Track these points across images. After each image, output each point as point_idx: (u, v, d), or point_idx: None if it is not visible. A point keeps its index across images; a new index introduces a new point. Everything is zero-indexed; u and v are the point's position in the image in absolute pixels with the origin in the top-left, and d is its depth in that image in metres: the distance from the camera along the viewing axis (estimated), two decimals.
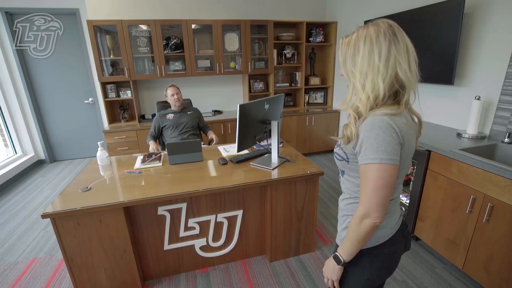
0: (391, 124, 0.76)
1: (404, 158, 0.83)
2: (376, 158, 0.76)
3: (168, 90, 2.80)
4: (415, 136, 0.87)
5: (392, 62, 0.77)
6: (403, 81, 0.79)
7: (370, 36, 0.78)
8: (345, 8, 3.87)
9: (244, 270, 2.04)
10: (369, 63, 0.78)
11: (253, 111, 1.82)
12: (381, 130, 0.76)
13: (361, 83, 0.81)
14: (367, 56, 0.78)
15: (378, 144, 0.76)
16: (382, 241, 0.90)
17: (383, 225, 0.89)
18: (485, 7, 2.08)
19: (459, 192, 1.81)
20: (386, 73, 0.78)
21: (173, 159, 2.10)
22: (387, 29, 0.78)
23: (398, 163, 0.78)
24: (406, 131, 0.80)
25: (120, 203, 1.57)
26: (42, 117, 4.21)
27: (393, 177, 0.78)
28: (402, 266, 2.03)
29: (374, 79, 0.78)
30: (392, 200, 0.89)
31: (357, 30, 0.82)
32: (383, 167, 0.76)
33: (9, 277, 2.03)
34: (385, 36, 0.77)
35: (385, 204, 0.80)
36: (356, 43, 0.80)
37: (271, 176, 1.85)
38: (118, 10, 3.57)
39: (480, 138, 2.09)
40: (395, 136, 0.77)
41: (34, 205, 3.05)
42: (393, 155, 0.76)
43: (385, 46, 0.77)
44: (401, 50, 0.78)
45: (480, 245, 1.71)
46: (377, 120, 0.77)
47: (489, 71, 2.11)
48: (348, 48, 0.83)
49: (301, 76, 4.21)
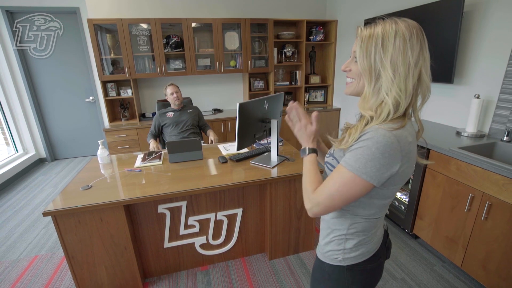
0: (395, 147, 0.69)
1: (403, 177, 0.76)
2: (353, 167, 0.71)
3: (168, 89, 2.81)
4: (415, 150, 0.77)
5: (420, 66, 0.71)
6: (425, 85, 0.73)
7: (403, 32, 0.69)
8: (345, 7, 3.86)
9: (244, 268, 2.05)
10: (404, 59, 0.69)
11: (252, 109, 1.82)
12: (378, 145, 0.69)
13: (391, 77, 0.71)
14: (401, 52, 0.69)
15: (363, 156, 0.70)
16: (367, 257, 0.86)
17: (368, 241, 0.85)
18: (485, 5, 2.08)
19: (458, 190, 1.82)
20: (414, 75, 0.71)
21: (173, 157, 2.11)
22: (419, 30, 0.71)
23: (374, 185, 0.72)
24: (409, 150, 0.72)
25: (120, 201, 1.58)
26: (43, 116, 4.23)
27: (358, 192, 0.73)
28: (401, 264, 2.05)
29: (406, 76, 0.70)
30: (377, 218, 0.84)
31: (383, 23, 0.72)
32: (355, 179, 0.72)
33: (11, 274, 2.05)
34: (417, 39, 0.70)
35: (331, 210, 0.77)
36: (387, 37, 0.70)
37: (270, 175, 1.86)
38: (118, 8, 3.57)
39: (479, 137, 2.09)
40: (390, 160, 0.70)
41: (35, 203, 3.07)
42: (370, 173, 0.70)
43: (417, 49, 0.70)
44: (427, 57, 0.73)
45: (478, 243, 1.72)
46: (380, 134, 0.69)
47: (489, 69, 2.12)
48: (372, 41, 0.71)
49: (301, 74, 4.21)
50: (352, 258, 0.85)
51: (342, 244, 0.86)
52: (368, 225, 0.83)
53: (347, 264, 0.85)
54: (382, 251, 0.90)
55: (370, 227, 0.84)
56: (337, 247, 0.87)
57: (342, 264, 0.86)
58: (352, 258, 0.85)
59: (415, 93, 0.74)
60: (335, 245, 0.87)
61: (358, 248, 0.84)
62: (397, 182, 0.75)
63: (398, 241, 2.30)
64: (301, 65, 4.18)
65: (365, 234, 0.84)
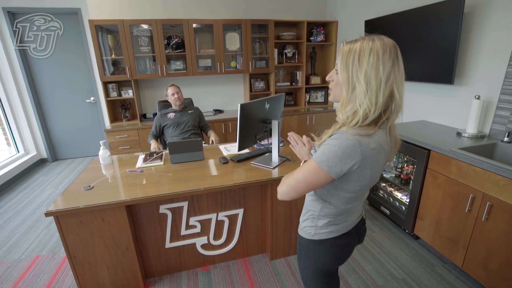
0: (354, 149, 0.81)
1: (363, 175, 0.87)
2: (318, 159, 0.84)
3: (169, 90, 2.81)
4: (384, 160, 0.90)
5: (391, 82, 0.80)
6: (396, 100, 0.82)
7: (377, 50, 0.79)
8: (346, 8, 3.87)
9: (245, 268, 2.06)
10: (376, 74, 0.79)
11: (253, 110, 1.83)
12: (340, 145, 0.81)
13: (364, 91, 0.80)
14: (374, 68, 0.79)
15: (328, 152, 0.83)
16: (336, 235, 1.02)
17: (339, 222, 1.01)
18: (485, 6, 2.08)
19: (458, 191, 1.82)
20: (385, 89, 0.80)
21: (175, 158, 2.12)
22: (393, 49, 0.80)
23: (333, 177, 0.85)
24: (370, 155, 0.83)
25: (122, 201, 1.58)
26: (44, 116, 4.24)
27: (319, 181, 0.87)
28: (401, 264, 2.05)
29: (377, 90, 0.80)
30: (345, 208, 0.98)
31: (361, 40, 0.82)
32: (317, 169, 0.85)
33: (13, 274, 2.05)
34: (389, 56, 0.79)
35: (294, 195, 0.92)
36: (363, 53, 0.80)
37: (271, 175, 1.86)
38: (119, 9, 3.59)
39: (480, 137, 2.10)
40: (347, 160, 0.81)
41: (37, 204, 3.08)
42: (332, 166, 0.83)
43: (389, 65, 0.79)
44: (400, 73, 0.81)
45: (479, 244, 1.72)
46: (344, 136, 0.82)
47: (489, 70, 2.12)
48: (350, 56, 0.82)
49: (301, 75, 4.22)
50: (322, 234, 1.03)
51: (315, 221, 1.04)
52: (337, 211, 0.99)
53: (318, 239, 1.03)
54: (353, 234, 1.06)
55: (339, 213, 0.99)
56: (310, 224, 1.06)
57: (315, 238, 1.04)
58: (322, 233, 1.03)
59: (388, 107, 0.84)
60: (309, 222, 1.06)
61: (328, 227, 1.02)
62: (356, 180, 0.88)
63: (398, 242, 2.30)
64: (301, 66, 4.19)
65: (334, 217, 1.00)
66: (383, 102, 0.81)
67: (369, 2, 3.36)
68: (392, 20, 2.84)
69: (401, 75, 0.82)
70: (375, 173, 0.90)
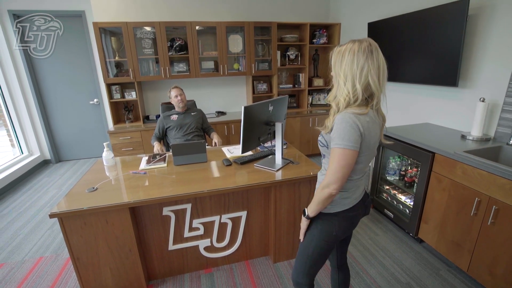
0: (355, 121, 1.01)
1: (367, 146, 1.07)
2: (341, 144, 1.01)
3: (172, 92, 2.82)
4: (378, 130, 1.12)
5: (365, 72, 1.01)
6: (372, 88, 1.03)
7: (354, 49, 1.02)
8: (349, 10, 3.88)
9: (248, 271, 2.05)
10: (350, 68, 1.02)
11: (257, 112, 1.83)
12: (347, 123, 1.01)
13: (343, 82, 1.05)
14: (349, 63, 1.02)
15: (344, 134, 1.01)
16: (347, 207, 1.18)
17: (349, 196, 1.17)
18: (490, 8, 2.08)
19: (463, 194, 1.81)
20: (360, 78, 1.02)
21: (178, 160, 2.12)
22: (367, 46, 1.01)
23: (358, 149, 1.03)
24: (367, 127, 1.04)
25: (126, 203, 1.58)
26: (48, 118, 4.27)
27: (353, 159, 1.03)
28: (406, 268, 2.03)
29: (353, 80, 1.03)
30: (357, 179, 1.16)
31: (347, 44, 1.05)
32: (345, 151, 1.01)
33: (16, 275, 2.06)
34: (363, 52, 1.00)
35: (343, 179, 1.05)
36: (344, 53, 1.04)
37: (275, 178, 1.86)
38: (123, 12, 3.61)
39: (485, 140, 2.08)
40: (356, 129, 1.01)
41: (40, 205, 3.09)
42: (354, 142, 1.01)
43: (362, 59, 1.01)
44: (374, 65, 1.01)
45: (485, 248, 1.70)
46: (346, 116, 1.02)
47: (494, 72, 2.11)
48: (337, 56, 1.07)
49: (304, 77, 4.22)
50: (336, 207, 1.17)
51: None
52: (350, 184, 1.16)
53: (334, 211, 1.18)
54: (361, 206, 1.23)
55: (351, 186, 1.16)
56: None
57: (331, 212, 1.18)
58: (336, 207, 1.17)
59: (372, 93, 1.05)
60: None
61: (341, 201, 1.17)
62: (363, 149, 1.06)
63: (402, 245, 2.29)
64: (304, 68, 4.19)
65: (347, 190, 1.16)
66: (361, 88, 1.02)
67: (373, 4, 3.35)
68: (396, 23, 2.84)
69: (375, 66, 1.01)
70: (373, 142, 1.09)
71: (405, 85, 2.94)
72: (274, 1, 4.07)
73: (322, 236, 1.20)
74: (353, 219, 1.23)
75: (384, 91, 1.07)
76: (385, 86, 1.06)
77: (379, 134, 1.14)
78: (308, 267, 1.27)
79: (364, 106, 1.05)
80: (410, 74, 2.76)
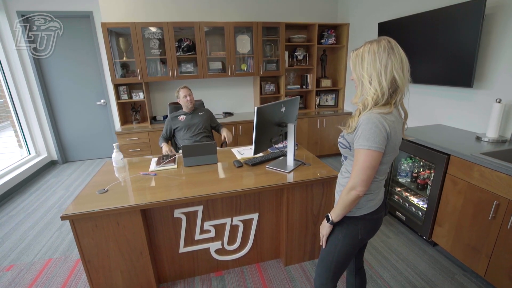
0: (381, 122, 0.99)
1: (392, 146, 1.06)
2: (366, 145, 1.00)
3: (181, 92, 2.80)
4: (401, 129, 1.11)
5: (390, 68, 1.01)
6: (398, 82, 1.02)
7: (373, 49, 1.02)
8: (358, 10, 3.84)
9: (259, 274, 2.02)
10: (374, 67, 1.02)
11: (270, 113, 1.80)
12: (374, 124, 0.99)
13: (369, 81, 1.04)
14: (371, 63, 1.02)
15: (369, 135, 0.99)
16: (373, 210, 1.16)
17: (374, 198, 1.15)
18: (508, 8, 2.03)
19: (481, 197, 1.76)
20: (386, 75, 1.01)
21: (188, 161, 2.10)
22: (386, 44, 1.02)
23: (383, 151, 1.02)
24: (393, 126, 1.03)
25: (137, 205, 1.56)
26: (55, 119, 4.27)
27: (377, 161, 1.02)
28: (420, 272, 1.99)
29: (378, 78, 1.02)
30: (381, 179, 1.15)
31: (364, 45, 1.06)
32: (370, 152, 1.00)
33: (26, 277, 2.05)
34: (384, 50, 1.01)
35: (369, 181, 1.04)
36: (363, 54, 1.05)
37: (287, 179, 1.83)
38: (131, 12, 3.60)
39: (501, 142, 2.04)
40: (383, 130, 0.99)
41: (48, 206, 3.08)
42: (379, 144, 1.00)
43: (384, 56, 1.01)
44: (397, 60, 1.01)
45: (504, 253, 1.66)
46: (372, 117, 1.00)
47: (511, 73, 2.06)
48: (356, 58, 1.07)
49: (312, 78, 4.18)
50: (362, 210, 1.15)
51: None
52: (375, 186, 1.13)
53: (360, 215, 1.16)
54: (383, 207, 1.22)
55: (375, 188, 1.14)
56: None
57: (356, 215, 1.16)
58: (362, 210, 1.15)
59: (396, 89, 1.03)
60: None
61: (366, 204, 1.14)
62: (389, 150, 1.05)
63: (415, 248, 2.24)
64: (312, 69, 4.16)
65: (371, 192, 1.14)
66: (387, 85, 1.01)
67: (383, 4, 3.31)
68: (408, 22, 2.80)
69: (399, 60, 1.01)
70: (397, 142, 1.08)
71: (417, 86, 2.90)
72: (282, 1, 4.05)
73: (347, 241, 1.18)
74: (377, 221, 1.21)
75: (408, 85, 1.06)
76: (408, 79, 1.06)
77: (402, 132, 1.13)
78: (333, 272, 1.25)
79: (388, 105, 1.05)
80: (422, 75, 2.72)
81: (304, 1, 4.13)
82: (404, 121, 1.15)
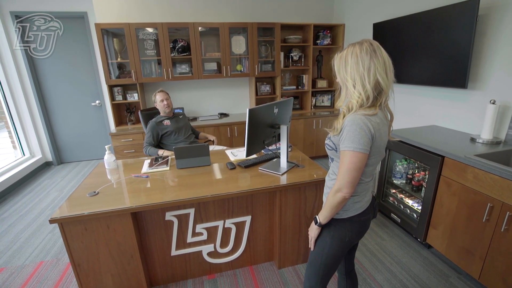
0: (366, 123, 1.00)
1: (377, 148, 1.06)
2: (351, 147, 1.00)
3: (157, 96, 2.69)
4: (387, 131, 1.12)
5: (373, 71, 1.00)
6: (382, 85, 1.01)
7: (356, 52, 1.02)
8: (353, 10, 3.83)
9: (252, 276, 2.00)
10: (357, 71, 1.02)
11: (262, 115, 1.79)
12: (358, 126, 0.99)
13: (352, 85, 1.04)
14: (354, 66, 1.02)
15: (354, 136, 0.99)
16: (360, 211, 1.16)
17: (360, 200, 1.15)
18: (501, 8, 2.02)
19: (475, 199, 1.75)
20: (369, 78, 1.01)
21: (181, 163, 2.08)
22: (368, 46, 1.01)
23: (368, 152, 1.02)
24: (378, 128, 1.03)
25: (127, 208, 1.54)
26: (50, 119, 4.24)
27: (363, 162, 1.02)
28: (414, 275, 1.98)
29: (362, 81, 1.02)
30: (367, 181, 1.15)
31: (347, 48, 1.05)
32: (355, 154, 1.00)
33: (17, 280, 2.02)
34: (366, 52, 1.00)
35: (354, 182, 1.04)
36: (346, 58, 1.04)
37: (280, 182, 1.81)
38: (125, 13, 3.58)
39: (496, 143, 2.03)
40: (367, 132, 0.99)
41: (41, 208, 3.06)
42: (364, 145, 1.00)
43: (367, 59, 1.00)
44: (380, 62, 1.00)
45: (498, 255, 1.65)
46: (356, 118, 1.00)
47: (505, 74, 2.06)
48: (340, 61, 1.07)
49: (308, 78, 4.17)
50: (349, 212, 1.15)
51: None
52: (361, 188, 1.14)
53: (347, 217, 1.16)
54: (370, 209, 1.22)
55: (362, 190, 1.14)
56: None
57: (343, 217, 1.16)
58: (349, 212, 1.15)
59: (381, 91, 1.03)
60: None
61: (353, 206, 1.15)
62: (373, 152, 1.05)
63: (410, 251, 2.23)
64: (308, 69, 4.15)
65: (358, 194, 1.14)
66: (371, 88, 1.01)
67: (378, 4, 3.31)
68: (402, 23, 2.79)
69: (381, 63, 1.00)
70: (382, 144, 1.08)
71: (411, 87, 2.89)
72: (278, 2, 4.03)
73: (335, 243, 1.18)
74: (365, 223, 1.21)
75: (392, 87, 1.06)
76: (393, 81, 1.06)
77: (388, 134, 1.13)
78: (322, 275, 1.24)
79: (373, 107, 1.05)
80: (416, 76, 2.71)
81: (299, 2, 4.11)
82: (390, 123, 1.15)
